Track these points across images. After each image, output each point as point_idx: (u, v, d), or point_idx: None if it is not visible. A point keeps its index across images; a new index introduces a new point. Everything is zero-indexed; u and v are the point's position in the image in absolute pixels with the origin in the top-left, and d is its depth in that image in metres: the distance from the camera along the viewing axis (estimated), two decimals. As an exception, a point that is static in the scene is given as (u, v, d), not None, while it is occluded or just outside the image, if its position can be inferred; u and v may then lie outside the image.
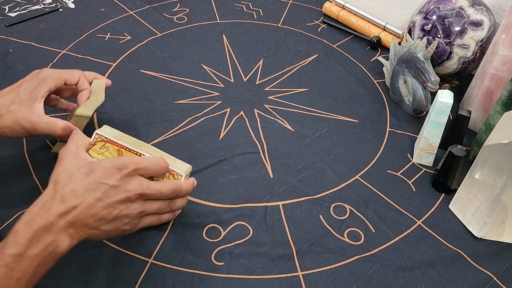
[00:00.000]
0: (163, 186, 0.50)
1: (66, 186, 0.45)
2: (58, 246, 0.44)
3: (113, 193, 0.46)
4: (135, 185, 0.48)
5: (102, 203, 0.46)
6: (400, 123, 0.77)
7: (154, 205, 0.51)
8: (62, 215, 0.44)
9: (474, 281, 0.55)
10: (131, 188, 0.47)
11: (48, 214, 0.44)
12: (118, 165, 0.47)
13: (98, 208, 0.46)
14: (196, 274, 0.53)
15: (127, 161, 0.48)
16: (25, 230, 0.43)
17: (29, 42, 0.87)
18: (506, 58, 0.67)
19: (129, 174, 0.48)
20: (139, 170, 0.49)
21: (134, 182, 0.48)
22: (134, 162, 0.48)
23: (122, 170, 0.47)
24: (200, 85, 0.81)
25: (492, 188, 0.56)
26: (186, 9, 1.01)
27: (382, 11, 1.01)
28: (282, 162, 0.68)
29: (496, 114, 0.65)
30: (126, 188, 0.47)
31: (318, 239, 0.58)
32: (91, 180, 0.46)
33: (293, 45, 0.93)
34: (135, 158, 0.49)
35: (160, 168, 0.51)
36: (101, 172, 0.46)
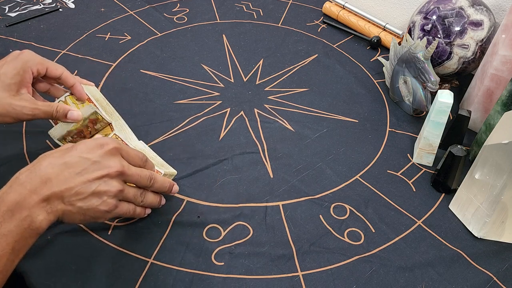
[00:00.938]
0: (141, 170, 0.50)
1: (43, 160, 0.45)
2: (33, 221, 0.42)
3: (93, 168, 0.46)
4: (116, 162, 0.47)
5: (80, 177, 0.45)
6: (400, 123, 0.77)
7: (131, 190, 0.50)
8: (36, 188, 0.43)
9: (474, 281, 0.55)
10: (112, 164, 0.47)
11: (21, 187, 0.42)
12: (100, 142, 0.47)
13: (75, 182, 0.44)
14: (196, 274, 0.53)
15: (110, 140, 0.48)
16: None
17: (29, 42, 0.87)
18: (506, 58, 0.67)
19: (111, 151, 0.47)
20: (121, 150, 0.48)
21: (115, 159, 0.47)
22: (117, 143, 0.48)
23: (104, 146, 0.47)
24: (200, 85, 0.81)
25: (492, 188, 0.56)
26: (186, 9, 1.01)
27: (382, 11, 1.01)
28: (282, 162, 0.68)
29: (496, 114, 0.65)
30: (107, 164, 0.46)
31: (318, 239, 0.58)
32: (72, 155, 0.45)
33: (293, 45, 0.93)
34: (118, 141, 0.49)
35: (138, 159, 0.51)
36: (82, 148, 0.46)
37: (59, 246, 0.54)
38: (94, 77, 0.80)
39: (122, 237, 0.55)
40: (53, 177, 0.43)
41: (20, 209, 0.42)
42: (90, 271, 0.52)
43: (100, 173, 0.46)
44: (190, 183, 0.63)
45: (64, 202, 0.44)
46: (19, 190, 0.42)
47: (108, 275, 0.52)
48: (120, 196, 0.49)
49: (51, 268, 0.52)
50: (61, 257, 0.53)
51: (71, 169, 0.44)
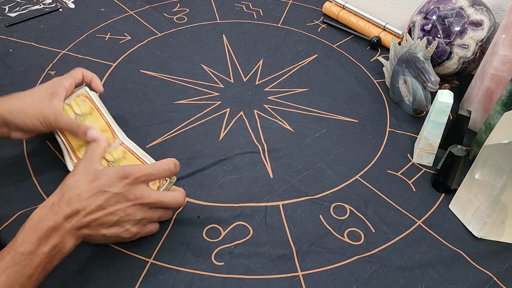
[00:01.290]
0: (164, 196, 0.52)
1: (72, 190, 0.48)
2: (64, 246, 0.46)
3: (115, 200, 0.48)
4: (137, 194, 0.50)
5: (103, 209, 0.48)
6: (400, 123, 0.77)
7: (156, 213, 0.53)
8: (68, 217, 0.46)
9: (474, 281, 0.55)
10: (132, 196, 0.50)
11: (56, 216, 0.45)
12: (122, 174, 0.49)
13: (99, 214, 0.48)
14: (196, 274, 0.53)
15: (131, 170, 0.50)
16: (35, 229, 0.45)
17: (29, 42, 0.87)
18: (506, 58, 0.67)
19: (132, 182, 0.49)
20: (141, 177, 0.50)
21: (137, 191, 0.50)
22: (138, 170, 0.50)
23: (125, 179, 0.49)
24: (200, 85, 0.81)
25: (492, 188, 0.56)
26: (186, 9, 1.01)
27: (382, 11, 1.01)
28: (282, 162, 0.68)
29: (496, 114, 0.65)
30: (128, 197, 0.49)
31: (318, 239, 0.58)
32: (95, 187, 0.48)
33: (293, 45, 0.93)
34: (138, 167, 0.51)
35: (163, 172, 0.53)
36: (105, 180, 0.48)
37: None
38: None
39: (122, 237, 0.55)
40: (81, 209, 0.47)
41: (55, 235, 0.45)
42: (90, 271, 0.52)
43: (120, 205, 0.49)
44: (190, 183, 0.63)
45: (90, 229, 0.48)
46: (54, 218, 0.45)
47: (108, 275, 0.52)
48: (143, 223, 0.53)
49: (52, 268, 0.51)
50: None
51: (96, 200, 0.48)
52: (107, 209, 0.48)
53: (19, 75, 0.79)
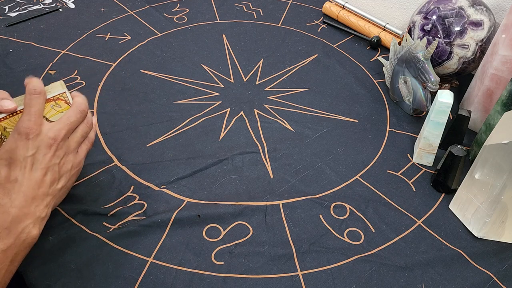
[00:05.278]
0: (68, 117, 0.50)
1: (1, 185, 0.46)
2: (31, 230, 0.46)
3: (40, 156, 0.47)
4: (50, 136, 0.48)
5: (39, 171, 0.47)
6: (400, 123, 0.77)
7: (77, 135, 0.52)
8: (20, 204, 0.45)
9: (474, 281, 0.55)
10: (48, 141, 0.48)
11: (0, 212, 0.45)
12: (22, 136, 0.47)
13: (41, 177, 0.47)
14: (196, 274, 0.53)
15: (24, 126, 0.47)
16: None
17: (29, 42, 0.87)
18: (506, 58, 0.67)
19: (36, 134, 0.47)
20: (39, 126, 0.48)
21: (45, 136, 0.48)
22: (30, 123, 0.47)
23: (29, 135, 0.47)
24: (200, 85, 0.81)
25: (492, 188, 0.56)
26: (186, 9, 1.01)
27: (382, 11, 1.01)
28: (282, 162, 0.68)
29: (496, 114, 0.65)
30: (46, 144, 0.48)
31: (318, 239, 0.58)
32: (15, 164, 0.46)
33: (293, 45, 0.93)
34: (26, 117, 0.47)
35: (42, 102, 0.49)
36: (17, 152, 0.46)
37: (59, 246, 0.54)
38: (94, 77, 0.80)
39: (121, 236, 0.55)
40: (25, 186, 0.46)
41: (17, 225, 0.45)
42: (90, 270, 0.52)
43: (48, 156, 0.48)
44: (190, 183, 0.63)
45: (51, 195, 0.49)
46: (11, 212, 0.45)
47: (108, 274, 0.52)
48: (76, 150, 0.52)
49: (51, 268, 0.52)
50: (61, 256, 0.53)
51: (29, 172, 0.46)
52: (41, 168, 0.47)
53: (19, 75, 0.79)
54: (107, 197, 0.60)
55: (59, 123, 0.50)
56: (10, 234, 0.44)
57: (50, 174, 0.48)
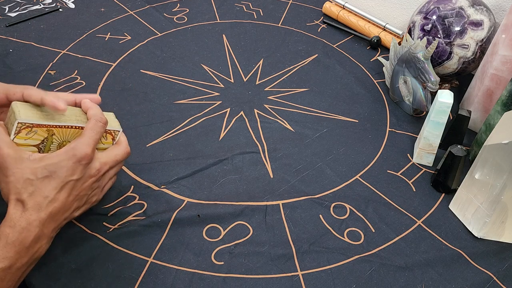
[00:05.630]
0: (116, 155, 0.52)
1: (34, 195, 0.45)
2: (42, 250, 0.47)
3: (80, 184, 0.48)
4: (96, 167, 0.49)
5: (72, 197, 0.48)
6: (400, 123, 0.77)
7: (112, 172, 0.53)
8: (44, 223, 0.45)
9: (474, 280, 0.55)
10: (93, 172, 0.49)
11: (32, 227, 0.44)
12: (76, 158, 0.46)
13: (71, 202, 0.48)
14: (196, 274, 0.53)
15: (82, 149, 0.47)
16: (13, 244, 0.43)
17: (29, 42, 0.87)
18: (506, 58, 0.67)
19: (88, 161, 0.48)
20: (93, 150, 0.49)
21: (95, 164, 0.49)
22: (86, 145, 0.47)
23: (82, 161, 0.47)
24: (200, 85, 0.81)
25: (492, 188, 0.56)
26: (186, 9, 1.01)
27: (382, 11, 1.01)
28: (282, 162, 0.68)
29: (496, 114, 0.65)
30: (90, 174, 0.49)
31: (318, 239, 0.58)
32: (57, 182, 0.46)
33: (293, 45, 0.93)
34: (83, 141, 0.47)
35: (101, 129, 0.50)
36: (63, 172, 0.46)
37: (59, 246, 0.54)
38: (94, 77, 0.80)
39: (121, 237, 0.55)
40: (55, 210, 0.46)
41: (35, 245, 0.45)
42: (90, 270, 0.52)
43: (86, 185, 0.49)
44: (190, 183, 0.63)
45: (66, 219, 0.49)
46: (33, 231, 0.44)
47: (108, 274, 0.52)
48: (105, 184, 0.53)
49: (51, 268, 0.52)
50: (61, 256, 0.53)
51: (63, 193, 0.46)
52: (75, 195, 0.48)
53: (19, 75, 0.79)
54: (107, 197, 0.60)
55: (108, 157, 0.51)
56: (28, 253, 0.44)
57: (77, 202, 0.49)
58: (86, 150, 0.47)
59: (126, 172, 0.64)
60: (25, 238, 0.44)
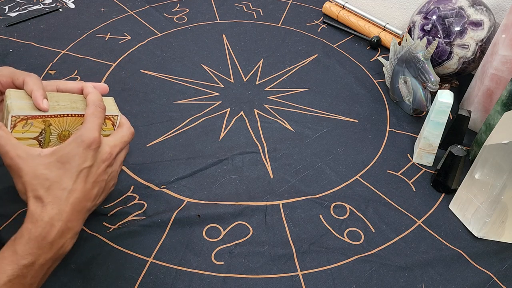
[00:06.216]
0: (122, 136, 0.51)
1: (51, 189, 0.44)
2: (68, 245, 0.45)
3: (94, 170, 0.47)
4: (107, 151, 0.48)
5: (89, 184, 0.46)
6: (400, 123, 0.77)
7: (122, 154, 0.52)
8: (67, 215, 0.44)
9: (474, 280, 0.55)
10: (105, 156, 0.48)
11: (50, 223, 0.43)
12: (85, 144, 0.45)
13: (90, 190, 0.46)
14: (196, 274, 0.53)
15: (88, 134, 0.46)
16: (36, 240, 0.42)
17: (29, 42, 0.87)
18: (506, 58, 0.67)
19: (97, 146, 0.47)
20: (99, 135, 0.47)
21: (103, 150, 0.48)
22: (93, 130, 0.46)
23: (91, 146, 0.46)
24: (200, 85, 0.81)
25: (492, 188, 0.56)
26: (186, 9, 1.01)
27: (382, 11, 1.01)
28: (282, 162, 0.68)
29: (496, 114, 0.65)
30: (102, 158, 0.47)
31: (318, 239, 0.58)
32: (71, 172, 0.44)
33: (293, 45, 0.93)
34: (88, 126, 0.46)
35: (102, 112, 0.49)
36: (76, 160, 0.45)
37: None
38: (94, 77, 0.80)
39: (122, 237, 0.55)
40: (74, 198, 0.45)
41: (59, 240, 0.44)
42: (90, 270, 0.52)
43: (101, 170, 0.47)
44: (190, 183, 0.63)
45: (90, 209, 0.48)
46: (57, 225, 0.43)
47: (108, 274, 0.52)
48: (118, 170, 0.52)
49: (51, 268, 0.52)
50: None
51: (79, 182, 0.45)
52: (91, 182, 0.46)
53: (19, 75, 0.79)
54: (107, 197, 0.59)
55: (116, 139, 0.50)
56: (52, 248, 0.43)
57: (97, 189, 0.47)
58: (93, 135, 0.46)
59: (126, 172, 0.64)
60: (48, 232, 0.43)
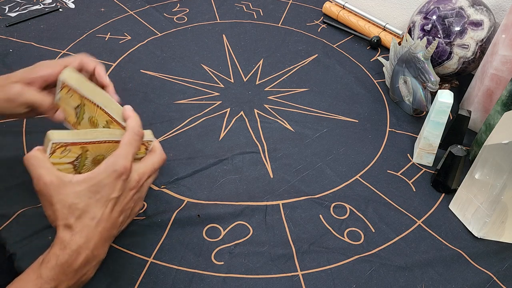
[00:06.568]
0: (153, 163, 0.51)
1: (81, 218, 0.44)
2: (90, 273, 0.46)
3: (122, 199, 0.47)
4: (136, 179, 0.48)
5: (116, 213, 0.46)
6: (400, 123, 0.77)
7: (150, 180, 0.52)
8: (94, 244, 0.44)
9: (474, 280, 0.55)
10: (133, 185, 0.48)
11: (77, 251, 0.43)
12: (116, 174, 0.46)
13: (116, 218, 0.47)
14: (196, 274, 0.53)
15: (121, 164, 0.46)
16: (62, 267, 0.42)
17: (29, 42, 0.87)
18: (506, 58, 0.67)
19: (128, 176, 0.47)
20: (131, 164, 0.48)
21: (133, 178, 0.48)
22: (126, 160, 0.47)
23: (122, 176, 0.46)
24: (200, 85, 0.81)
25: (492, 188, 0.56)
26: (186, 9, 1.01)
27: (382, 11, 1.01)
28: (282, 162, 0.68)
29: (496, 114, 0.65)
30: (130, 187, 0.47)
31: (318, 239, 0.58)
32: (101, 202, 0.45)
33: (293, 45, 0.93)
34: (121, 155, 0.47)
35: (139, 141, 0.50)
36: (106, 190, 0.45)
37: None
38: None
39: (121, 236, 0.55)
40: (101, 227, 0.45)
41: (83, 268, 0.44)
42: (90, 270, 0.52)
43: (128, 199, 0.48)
44: (190, 183, 0.63)
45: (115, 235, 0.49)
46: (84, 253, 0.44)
47: (108, 274, 0.52)
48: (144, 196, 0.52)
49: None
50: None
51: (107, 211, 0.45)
52: (118, 211, 0.47)
53: (19, 75, 0.79)
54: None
55: (146, 167, 0.50)
56: (75, 276, 0.43)
57: (122, 217, 0.48)
58: (125, 164, 0.46)
59: (126, 172, 0.64)
60: (75, 260, 0.43)
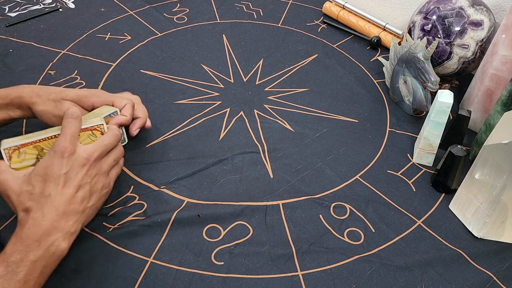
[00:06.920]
0: (102, 140, 0.54)
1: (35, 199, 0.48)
2: (59, 244, 0.47)
3: (73, 175, 0.50)
4: (83, 156, 0.51)
5: (71, 189, 0.49)
6: (400, 123, 0.77)
7: (109, 158, 0.55)
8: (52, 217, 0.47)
9: (474, 280, 0.55)
10: (82, 161, 0.51)
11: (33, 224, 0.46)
12: (57, 154, 0.49)
13: (71, 194, 0.49)
14: (196, 274, 0.53)
15: (61, 145, 0.50)
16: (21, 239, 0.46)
17: (29, 42, 0.87)
18: (506, 58, 0.67)
19: (70, 153, 0.50)
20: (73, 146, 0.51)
21: (79, 156, 0.51)
22: (66, 142, 0.50)
23: (64, 154, 0.49)
24: (200, 85, 0.81)
25: (492, 188, 0.56)
26: (186, 9, 1.01)
27: (382, 11, 1.01)
28: (282, 162, 0.68)
29: (496, 114, 0.65)
30: (79, 163, 0.50)
31: (318, 239, 0.58)
32: (50, 180, 0.49)
33: (293, 45, 0.93)
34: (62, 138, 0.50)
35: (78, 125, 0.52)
36: (52, 169, 0.49)
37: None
38: (94, 77, 0.80)
39: (121, 237, 0.55)
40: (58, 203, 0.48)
41: (46, 238, 0.47)
42: (90, 270, 0.52)
43: (80, 175, 0.50)
44: (190, 183, 0.63)
45: (79, 212, 0.50)
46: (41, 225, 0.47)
47: (108, 274, 0.52)
48: (108, 173, 0.55)
49: (51, 268, 0.52)
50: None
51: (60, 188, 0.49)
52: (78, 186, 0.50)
53: (19, 75, 0.79)
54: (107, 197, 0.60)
55: (94, 145, 0.53)
56: (40, 246, 0.46)
57: (82, 192, 0.50)
58: (63, 144, 0.50)
59: (126, 172, 0.64)
60: (32, 232, 0.46)
